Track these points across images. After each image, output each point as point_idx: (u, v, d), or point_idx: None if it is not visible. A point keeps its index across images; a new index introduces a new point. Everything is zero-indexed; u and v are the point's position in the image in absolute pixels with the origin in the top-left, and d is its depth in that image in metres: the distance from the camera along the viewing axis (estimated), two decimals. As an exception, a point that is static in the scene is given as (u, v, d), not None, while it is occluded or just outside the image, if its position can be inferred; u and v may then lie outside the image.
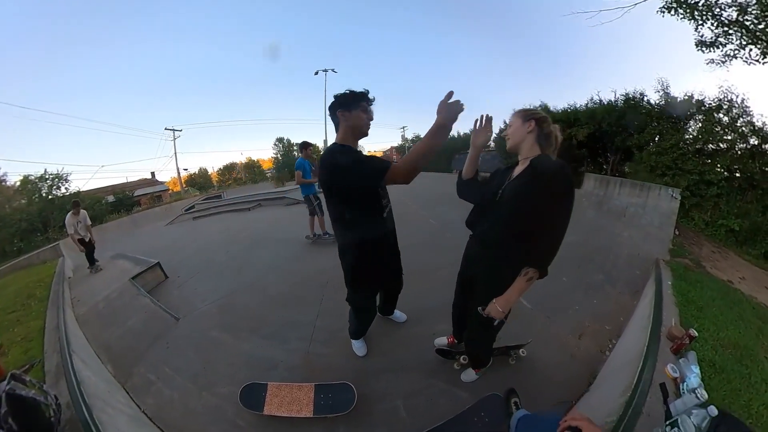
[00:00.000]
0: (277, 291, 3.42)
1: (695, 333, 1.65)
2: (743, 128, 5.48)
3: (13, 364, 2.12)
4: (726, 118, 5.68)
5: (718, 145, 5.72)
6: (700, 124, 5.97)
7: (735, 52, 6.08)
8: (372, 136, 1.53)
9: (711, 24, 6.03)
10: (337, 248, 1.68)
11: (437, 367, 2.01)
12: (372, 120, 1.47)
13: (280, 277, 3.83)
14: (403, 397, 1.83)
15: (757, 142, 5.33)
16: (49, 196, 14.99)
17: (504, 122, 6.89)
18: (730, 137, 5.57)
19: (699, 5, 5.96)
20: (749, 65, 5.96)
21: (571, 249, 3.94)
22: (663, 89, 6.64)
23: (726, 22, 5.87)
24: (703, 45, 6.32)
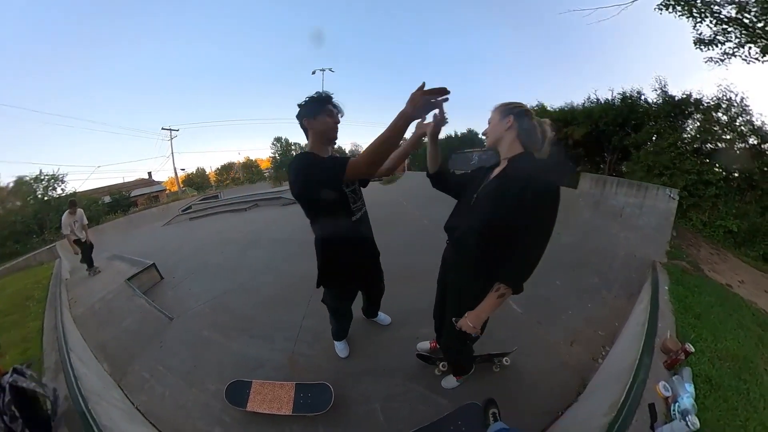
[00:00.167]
0: (269, 292, 3.45)
1: (692, 348, 1.54)
2: (742, 127, 5.41)
3: (12, 364, 2.14)
4: (725, 117, 5.61)
5: (716, 145, 5.64)
6: (699, 123, 5.89)
7: (734, 50, 6.00)
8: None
9: (710, 21, 5.95)
10: None
11: (418, 372, 1.98)
12: (339, 123, 1.44)
13: (273, 278, 3.85)
14: (382, 400, 1.82)
15: (756, 142, 5.26)
16: (45, 198, 14.79)
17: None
18: (729, 136, 5.50)
19: (697, 2, 5.88)
20: (748, 64, 5.88)
21: (565, 250, 3.89)
22: (660, 88, 6.58)
23: (725, 20, 5.79)
24: (701, 43, 6.24)
